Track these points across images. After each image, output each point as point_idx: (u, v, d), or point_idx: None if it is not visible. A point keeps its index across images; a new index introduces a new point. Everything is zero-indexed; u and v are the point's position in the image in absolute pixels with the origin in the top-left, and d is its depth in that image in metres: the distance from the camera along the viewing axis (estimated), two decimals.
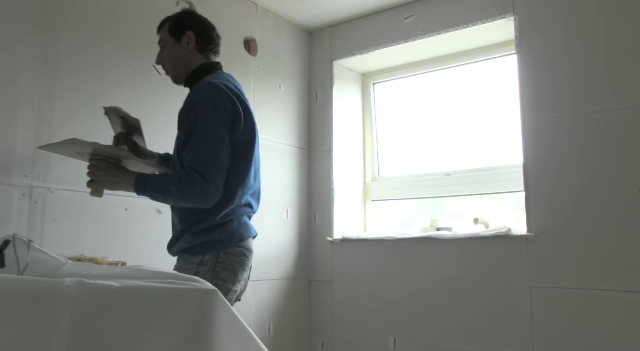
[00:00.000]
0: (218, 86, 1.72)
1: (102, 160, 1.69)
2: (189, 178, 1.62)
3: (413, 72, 3.64)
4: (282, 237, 3.37)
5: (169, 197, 1.67)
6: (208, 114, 1.67)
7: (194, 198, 1.64)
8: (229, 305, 0.92)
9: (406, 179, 3.54)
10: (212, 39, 1.92)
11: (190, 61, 1.86)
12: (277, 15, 3.50)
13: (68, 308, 0.78)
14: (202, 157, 1.64)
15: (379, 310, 3.19)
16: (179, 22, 1.88)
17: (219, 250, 1.71)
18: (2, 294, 0.75)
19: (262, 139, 3.26)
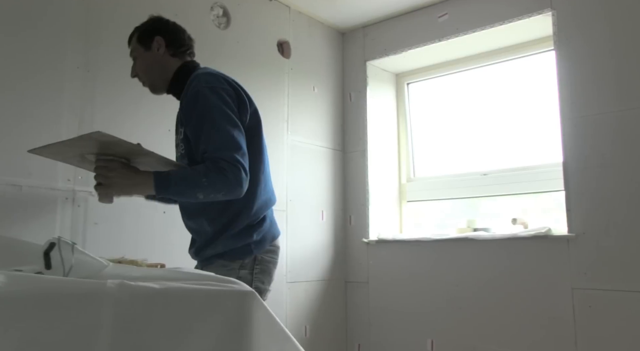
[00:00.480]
0: (214, 74, 1.69)
1: (112, 161, 1.49)
2: (218, 166, 1.51)
3: (448, 71, 3.60)
4: (317, 239, 3.37)
5: (199, 189, 1.51)
6: (215, 102, 1.60)
7: (226, 187, 1.52)
8: (266, 307, 0.92)
9: (442, 179, 3.49)
10: (184, 41, 1.83)
11: (165, 66, 1.78)
12: (310, 18, 3.51)
13: (111, 309, 0.80)
14: (224, 144, 1.55)
15: (416, 311, 3.15)
16: (146, 29, 1.81)
17: (256, 253, 1.69)
18: (50, 294, 0.77)
19: (296, 141, 3.30)
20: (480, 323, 2.89)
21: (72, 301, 0.79)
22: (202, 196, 1.53)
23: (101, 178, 1.50)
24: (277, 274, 3.02)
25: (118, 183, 1.50)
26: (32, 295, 0.76)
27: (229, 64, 2.93)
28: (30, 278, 0.82)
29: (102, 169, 1.49)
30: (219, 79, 1.68)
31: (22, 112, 2.11)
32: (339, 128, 3.65)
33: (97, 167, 1.50)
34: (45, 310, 0.76)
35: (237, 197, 1.56)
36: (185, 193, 1.53)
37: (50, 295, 0.78)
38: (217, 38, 2.90)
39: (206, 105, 1.59)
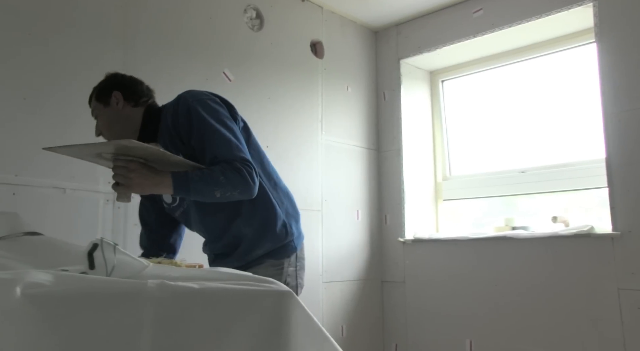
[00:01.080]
0: (195, 90, 1.71)
1: (131, 161, 1.50)
2: (232, 165, 1.55)
3: (483, 68, 3.53)
4: (353, 238, 3.36)
5: (217, 187, 1.53)
6: (208, 111, 1.63)
7: (242, 185, 1.54)
8: (304, 306, 0.92)
9: (479, 177, 3.44)
10: (142, 92, 1.80)
11: (128, 118, 1.75)
12: (342, 17, 3.51)
13: (152, 309, 0.81)
14: (231, 147, 1.59)
15: (454, 311, 3.11)
16: (102, 87, 1.79)
17: (298, 249, 1.73)
18: (95, 294, 0.79)
19: (330, 141, 3.30)
20: (521, 324, 2.83)
21: (115, 301, 0.80)
22: (219, 194, 1.54)
23: (121, 179, 1.50)
24: (313, 273, 3.05)
25: (138, 183, 1.50)
26: (78, 294, 0.78)
27: (262, 65, 2.95)
28: (76, 278, 0.84)
29: (122, 169, 1.49)
30: (202, 92, 1.71)
31: (65, 116, 2.17)
32: (373, 128, 3.63)
33: (115, 166, 1.51)
34: (90, 308, 0.78)
35: (250, 196, 1.60)
36: (204, 191, 1.54)
37: (95, 294, 0.80)
38: (251, 40, 2.93)
39: (201, 117, 1.61)
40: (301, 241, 1.77)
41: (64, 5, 2.21)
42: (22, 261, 1.12)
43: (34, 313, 0.74)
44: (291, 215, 1.77)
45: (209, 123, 1.60)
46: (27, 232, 1.27)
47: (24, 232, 1.26)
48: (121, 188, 1.51)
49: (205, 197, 1.57)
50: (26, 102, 2.09)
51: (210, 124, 1.60)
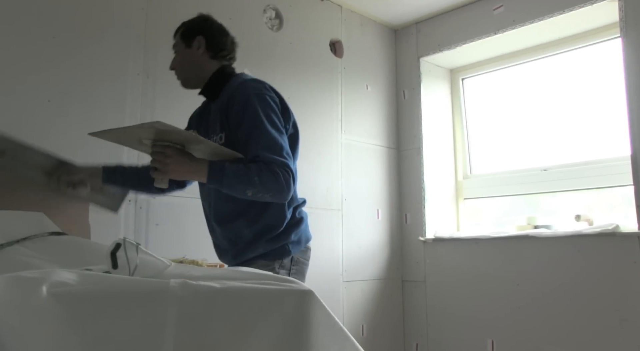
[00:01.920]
0: (261, 82, 1.71)
1: (168, 147, 1.51)
2: (270, 168, 1.54)
3: (504, 65, 3.49)
4: (373, 237, 3.36)
5: (250, 186, 1.53)
6: (264, 109, 1.63)
7: (275, 189, 1.55)
8: (325, 306, 0.92)
9: (500, 176, 3.40)
10: (224, 45, 1.83)
11: (202, 66, 1.80)
12: (362, 16, 3.50)
13: (175, 308, 0.82)
14: (276, 150, 1.58)
15: (475, 311, 3.08)
16: (190, 27, 1.83)
17: (294, 253, 1.71)
18: (118, 293, 0.80)
19: (350, 140, 3.29)
20: (544, 324, 2.79)
21: (138, 300, 0.81)
22: (250, 193, 1.55)
23: (158, 164, 1.52)
24: (333, 273, 3.05)
25: (174, 169, 1.53)
26: (102, 293, 0.79)
27: (282, 65, 2.96)
28: (100, 277, 0.85)
29: (159, 155, 1.51)
30: (266, 87, 1.70)
31: (90, 118, 2.21)
32: (393, 126, 3.61)
33: (153, 152, 1.53)
34: (114, 307, 0.79)
35: (282, 200, 1.61)
36: (236, 187, 1.55)
37: (119, 293, 0.81)
38: (271, 40, 2.94)
39: (256, 112, 1.61)
40: (300, 246, 1.74)
41: (87, 8, 2.24)
42: (47, 260, 1.15)
43: (60, 311, 0.75)
44: (299, 222, 1.76)
45: (260, 120, 1.61)
46: (52, 232, 1.29)
47: (49, 232, 1.29)
48: (157, 173, 1.53)
49: (237, 193, 1.58)
50: (50, 104, 2.13)
51: (261, 121, 1.60)
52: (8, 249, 1.17)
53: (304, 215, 1.81)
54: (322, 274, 3.00)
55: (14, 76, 2.05)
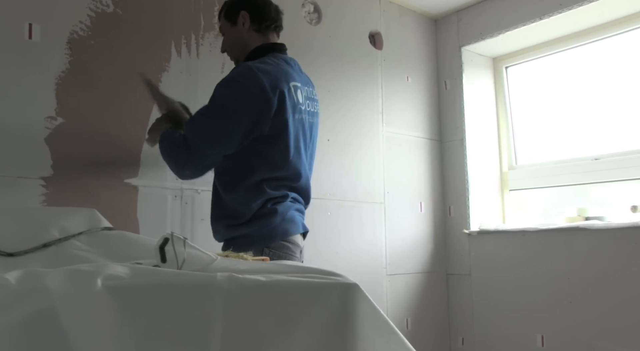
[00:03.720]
0: (251, 69, 1.63)
1: (163, 115, 1.87)
2: (183, 140, 1.65)
3: (550, 51, 3.38)
4: (416, 231, 3.33)
5: (161, 150, 1.75)
6: (229, 94, 1.62)
7: (174, 161, 1.71)
8: (370, 299, 0.92)
9: (547, 166, 3.30)
10: (268, 15, 1.81)
11: (249, 43, 1.79)
12: (400, 7, 3.45)
13: (222, 300, 0.84)
14: (201, 128, 1.64)
15: (523, 305, 3.01)
16: (232, 4, 1.82)
17: (262, 246, 1.64)
18: (167, 286, 0.83)
19: (391, 132, 3.26)
20: (597, 320, 2.70)
21: (187, 293, 0.83)
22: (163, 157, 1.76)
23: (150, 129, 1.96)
24: (377, 266, 3.04)
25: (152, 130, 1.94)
26: (153, 286, 0.82)
27: (321, 59, 2.96)
28: (150, 271, 0.88)
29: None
30: (252, 77, 1.62)
31: (134, 118, 2.27)
32: (435, 118, 3.56)
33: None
34: (164, 299, 0.81)
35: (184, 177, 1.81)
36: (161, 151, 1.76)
37: (168, 286, 0.83)
38: (310, 34, 2.94)
39: (220, 93, 1.66)
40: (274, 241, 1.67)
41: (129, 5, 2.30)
42: (100, 254, 1.19)
43: (113, 302, 0.78)
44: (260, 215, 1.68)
45: (216, 98, 1.67)
46: (104, 227, 1.34)
47: (102, 227, 1.33)
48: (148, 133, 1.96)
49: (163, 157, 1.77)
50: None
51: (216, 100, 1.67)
52: (65, 243, 1.22)
53: (283, 208, 1.71)
54: (365, 267, 3.00)
55: None
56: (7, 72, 1.96)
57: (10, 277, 0.76)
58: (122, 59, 2.24)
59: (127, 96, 2.23)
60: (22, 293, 0.74)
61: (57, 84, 2.07)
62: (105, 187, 2.14)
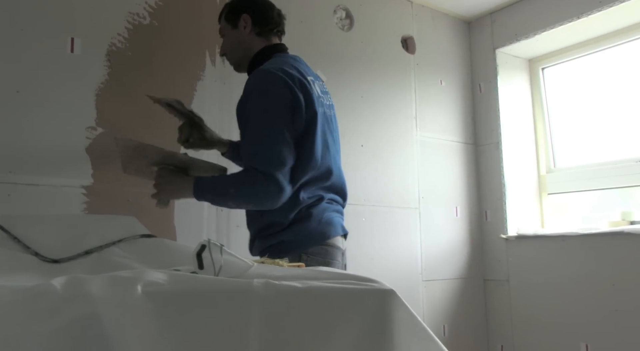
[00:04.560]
0: (273, 73, 1.55)
1: (164, 169, 1.60)
2: (250, 178, 1.48)
3: (589, 51, 3.29)
4: (452, 236, 3.28)
5: (228, 199, 1.54)
6: (263, 106, 1.51)
7: (255, 199, 1.51)
8: (407, 306, 0.91)
9: (588, 168, 3.21)
10: (271, 19, 1.76)
11: (251, 46, 1.74)
12: (433, 10, 3.43)
13: (259, 307, 0.84)
14: (263, 157, 1.48)
15: (565, 312, 2.93)
16: (234, 6, 1.77)
17: (299, 252, 1.58)
18: (205, 292, 0.84)
19: (426, 137, 3.24)
20: None
21: (224, 299, 0.84)
22: (233, 204, 1.58)
23: (153, 187, 1.64)
24: (412, 272, 3.01)
25: (164, 188, 1.63)
26: (191, 292, 0.83)
27: (354, 65, 2.96)
28: (188, 277, 0.89)
29: (155, 178, 1.64)
30: (277, 80, 1.55)
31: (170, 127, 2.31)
32: (469, 121, 3.52)
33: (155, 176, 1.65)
34: (202, 305, 0.82)
35: (270, 208, 1.54)
36: (218, 201, 1.60)
37: (206, 292, 0.84)
38: (342, 40, 2.95)
39: (254, 108, 1.52)
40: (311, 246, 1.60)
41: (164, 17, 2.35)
42: (139, 261, 1.21)
43: (153, 308, 0.79)
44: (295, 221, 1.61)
45: (253, 121, 1.52)
46: (143, 234, 1.37)
47: (141, 235, 1.36)
48: (153, 195, 1.65)
49: (223, 205, 1.64)
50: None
51: (254, 123, 1.51)
52: (106, 250, 1.25)
53: (319, 210, 1.65)
54: (400, 273, 2.97)
55: None
56: (50, 84, 2.03)
57: (55, 283, 0.79)
58: (158, 69, 2.30)
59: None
60: (67, 299, 0.76)
61: (96, 95, 2.13)
62: (143, 195, 2.18)
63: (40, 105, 2.00)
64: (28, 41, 2.01)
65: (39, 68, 2.02)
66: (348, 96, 2.91)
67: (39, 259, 1.19)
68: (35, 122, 1.99)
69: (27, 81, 1.99)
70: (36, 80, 2.01)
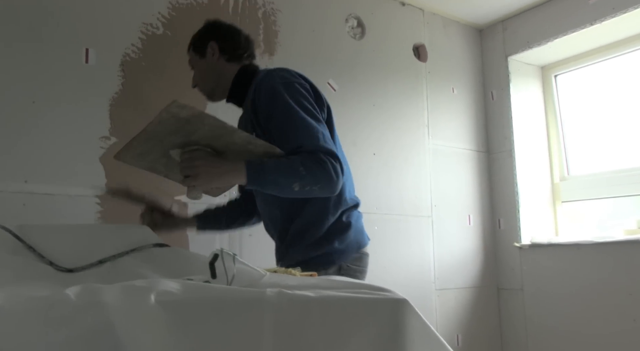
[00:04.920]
0: (287, 70, 1.57)
1: (197, 150, 1.36)
2: (316, 157, 1.38)
3: (603, 57, 3.27)
4: (465, 244, 3.26)
5: (296, 178, 1.36)
6: (296, 97, 1.47)
7: (324, 179, 1.37)
8: (420, 315, 0.91)
9: (602, 176, 3.18)
10: (238, 43, 1.73)
11: (222, 72, 1.70)
12: (444, 18, 3.43)
13: (272, 316, 0.84)
14: (318, 138, 1.41)
15: (581, 322, 2.89)
16: (199, 36, 1.76)
17: (340, 262, 1.56)
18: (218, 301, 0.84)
19: (438, 145, 3.23)
20: None
21: (237, 308, 0.84)
22: (297, 187, 1.37)
23: (187, 170, 1.36)
24: (425, 281, 2.99)
25: (204, 171, 1.35)
26: (204, 302, 0.83)
27: (366, 73, 2.97)
28: (201, 287, 0.89)
29: (187, 161, 1.35)
30: (293, 73, 1.57)
31: None
32: (481, 129, 3.50)
33: (182, 160, 1.37)
34: (215, 315, 0.82)
35: (332, 193, 1.43)
36: (281, 184, 1.38)
37: (219, 302, 0.84)
38: (354, 49, 2.96)
39: (286, 101, 1.46)
40: (348, 254, 1.58)
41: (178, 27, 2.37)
42: (153, 270, 1.22)
43: (167, 318, 0.80)
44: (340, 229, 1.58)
45: (293, 109, 1.45)
46: (156, 244, 1.37)
47: (154, 244, 1.37)
48: (188, 180, 1.36)
49: (282, 191, 1.42)
50: None
51: (295, 110, 1.45)
52: (119, 260, 1.26)
53: (354, 219, 1.63)
54: (413, 281, 2.96)
55: None
56: (65, 94, 2.06)
57: (70, 292, 0.79)
58: (171, 79, 2.32)
59: None
60: (81, 308, 0.76)
61: (110, 105, 2.15)
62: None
63: (55, 115, 2.03)
64: (43, 52, 2.04)
65: (54, 78, 2.04)
66: (360, 104, 2.91)
67: (53, 268, 1.20)
68: (50, 132, 2.01)
69: (43, 92, 2.02)
70: (51, 90, 2.03)
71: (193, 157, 1.35)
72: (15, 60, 1.98)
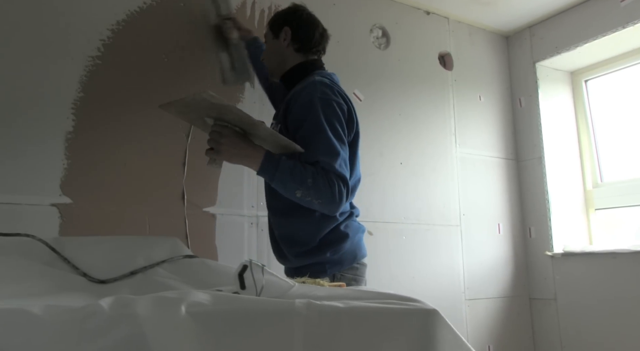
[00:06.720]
0: (331, 86, 1.62)
1: (226, 127, 1.47)
2: (327, 176, 1.47)
3: (635, 61, 3.20)
4: (495, 253, 3.21)
5: (301, 186, 1.46)
6: (328, 116, 1.54)
7: (326, 199, 1.47)
8: (451, 326, 0.89)
9: (637, 182, 3.09)
10: (312, 37, 1.76)
11: (285, 59, 1.76)
12: (470, 26, 3.41)
13: (301, 327, 0.84)
14: (337, 159, 1.50)
15: (618, 333, 2.80)
16: (278, 17, 1.80)
17: (334, 272, 1.61)
18: (248, 312, 0.84)
19: (465, 153, 3.19)
20: None
21: (266, 319, 0.85)
22: (299, 194, 1.48)
23: (212, 143, 1.49)
24: (455, 291, 2.95)
25: (226, 150, 1.47)
26: (234, 313, 0.84)
27: (391, 83, 2.97)
28: (230, 298, 0.90)
29: (215, 134, 1.48)
30: (335, 92, 1.61)
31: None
32: (510, 137, 3.45)
33: (211, 131, 1.49)
34: (245, 326, 0.83)
35: (330, 213, 1.54)
36: (286, 185, 1.49)
37: (248, 313, 0.85)
38: (379, 59, 2.96)
39: (319, 117, 1.53)
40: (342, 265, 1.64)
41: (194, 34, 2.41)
42: (183, 281, 1.23)
43: (197, 329, 0.80)
44: (335, 240, 1.64)
45: (323, 126, 1.53)
46: (185, 255, 1.39)
47: (183, 255, 1.39)
48: (211, 153, 1.50)
49: (285, 191, 1.51)
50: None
51: (324, 127, 1.53)
52: (150, 271, 1.28)
53: (353, 230, 1.68)
54: (442, 292, 2.92)
55: None
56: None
57: (103, 304, 0.81)
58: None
59: None
60: (114, 319, 0.78)
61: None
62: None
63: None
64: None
65: None
66: (386, 114, 2.91)
67: (87, 280, 1.23)
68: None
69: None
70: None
71: (221, 133, 1.47)
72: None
